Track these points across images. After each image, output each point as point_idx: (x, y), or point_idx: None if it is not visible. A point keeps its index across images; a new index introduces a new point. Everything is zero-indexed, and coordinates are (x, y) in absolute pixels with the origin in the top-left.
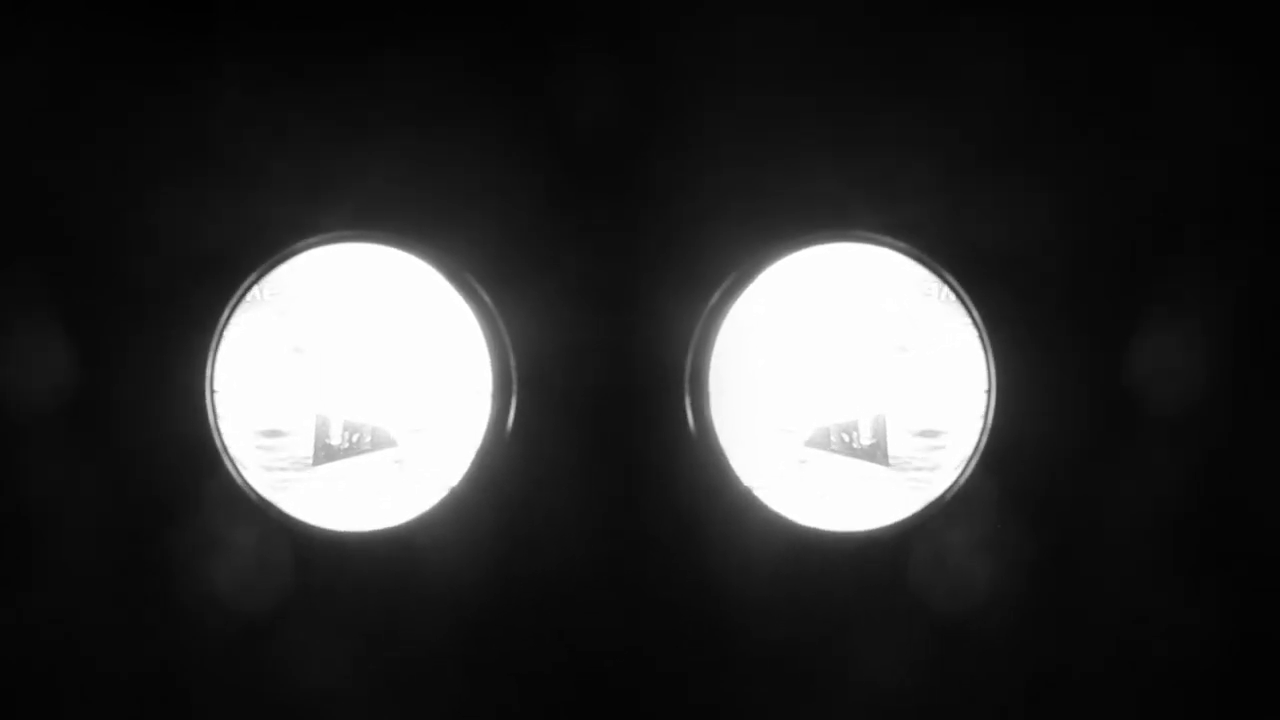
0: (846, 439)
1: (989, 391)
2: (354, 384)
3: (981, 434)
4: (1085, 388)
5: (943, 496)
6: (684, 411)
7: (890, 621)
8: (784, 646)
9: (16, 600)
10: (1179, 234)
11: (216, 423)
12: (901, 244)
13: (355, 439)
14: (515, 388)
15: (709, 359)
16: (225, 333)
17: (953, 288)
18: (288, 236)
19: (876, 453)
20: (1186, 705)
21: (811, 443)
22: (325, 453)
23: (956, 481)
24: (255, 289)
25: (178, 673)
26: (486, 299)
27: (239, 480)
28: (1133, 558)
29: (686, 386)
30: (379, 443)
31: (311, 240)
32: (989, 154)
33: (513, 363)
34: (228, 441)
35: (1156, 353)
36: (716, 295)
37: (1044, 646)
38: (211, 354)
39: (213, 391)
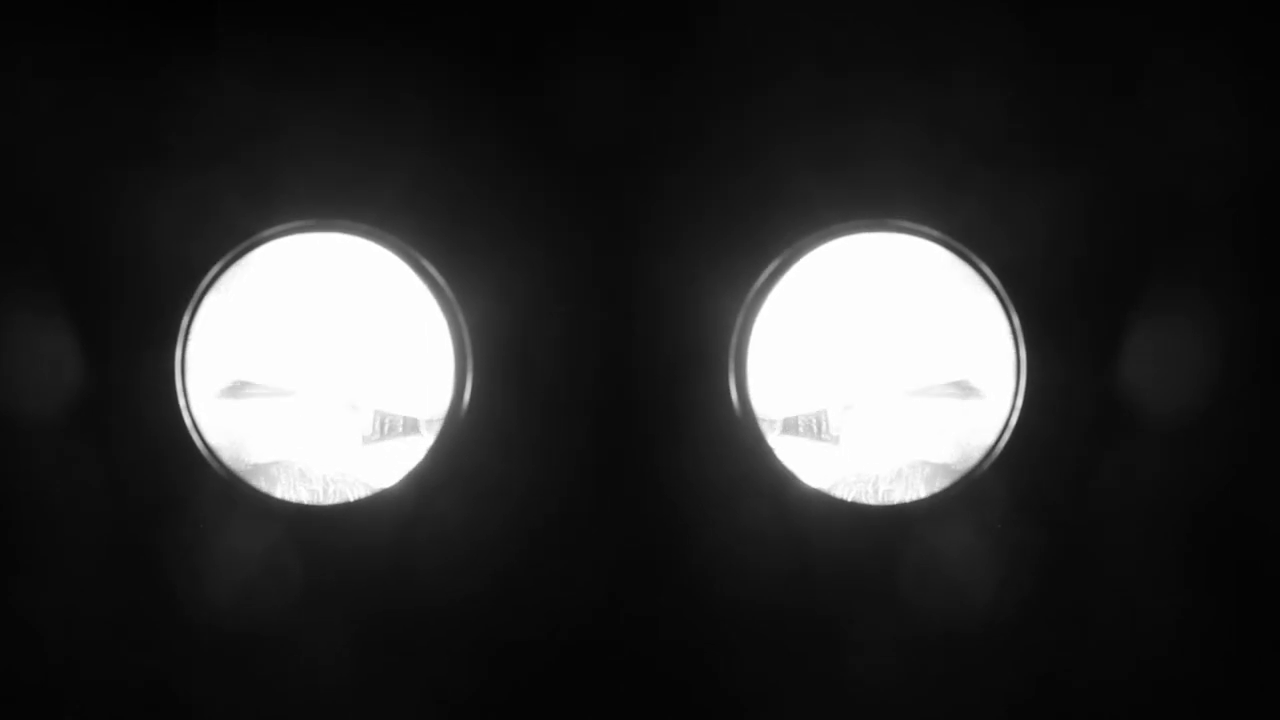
0: (815, 426)
1: (1017, 389)
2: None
3: (1004, 430)
4: (1113, 390)
5: (972, 473)
6: (728, 394)
7: (924, 597)
8: (819, 623)
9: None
10: (1223, 241)
11: (190, 410)
12: (940, 235)
13: (387, 425)
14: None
15: (749, 342)
16: (194, 324)
17: (990, 283)
18: (254, 226)
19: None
20: (1189, 706)
21: (785, 429)
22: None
23: (982, 465)
24: (228, 279)
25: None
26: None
27: (207, 457)
28: (1151, 562)
29: (731, 369)
30: (409, 429)
31: (291, 227)
32: (1038, 155)
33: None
34: (197, 420)
35: (1187, 359)
36: (761, 279)
37: (1058, 646)
38: (180, 346)
39: (185, 382)
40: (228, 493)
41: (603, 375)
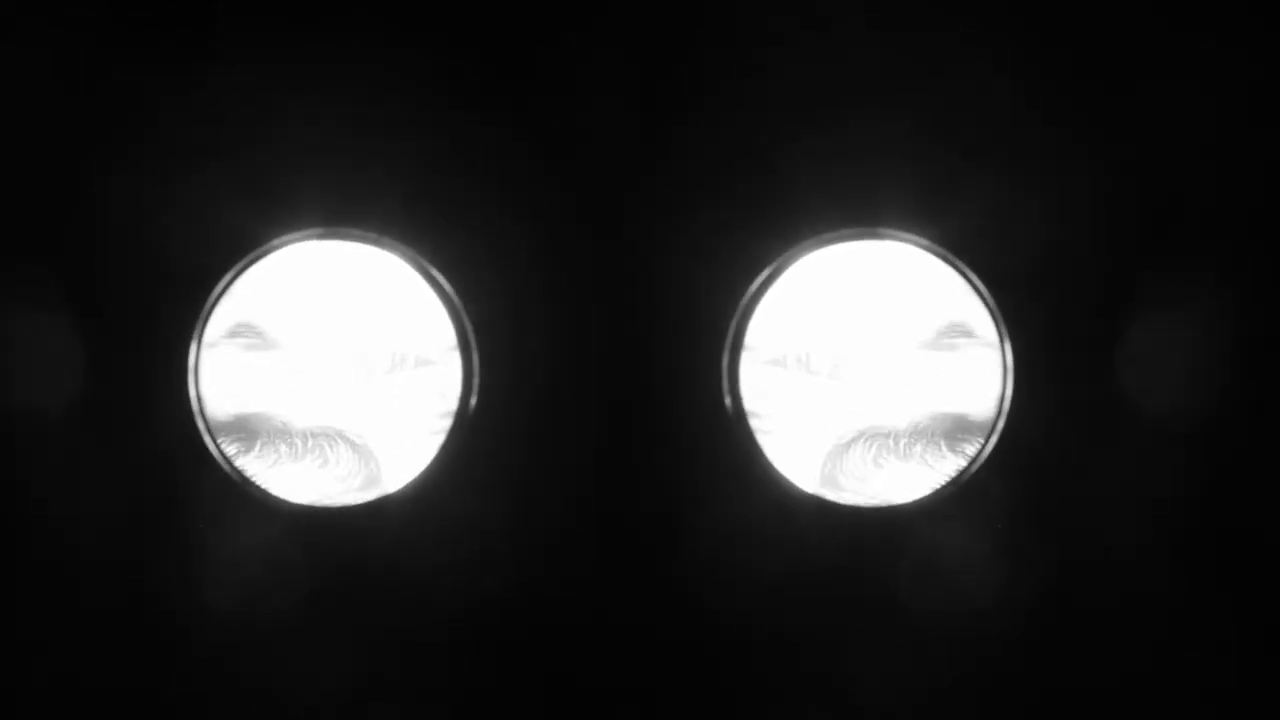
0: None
1: (1003, 393)
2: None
3: (992, 433)
4: (1103, 393)
5: (960, 478)
6: (722, 396)
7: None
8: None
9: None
10: (1214, 244)
11: (203, 412)
12: (926, 242)
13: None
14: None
15: (743, 346)
16: (205, 332)
17: (976, 289)
18: (264, 234)
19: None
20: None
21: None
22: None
23: (971, 468)
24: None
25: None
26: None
27: (216, 457)
28: (1146, 562)
29: (725, 372)
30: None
31: (303, 235)
32: (1027, 160)
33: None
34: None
35: (1176, 361)
36: (754, 285)
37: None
38: (194, 354)
39: (198, 385)
40: (237, 493)
41: (603, 377)
